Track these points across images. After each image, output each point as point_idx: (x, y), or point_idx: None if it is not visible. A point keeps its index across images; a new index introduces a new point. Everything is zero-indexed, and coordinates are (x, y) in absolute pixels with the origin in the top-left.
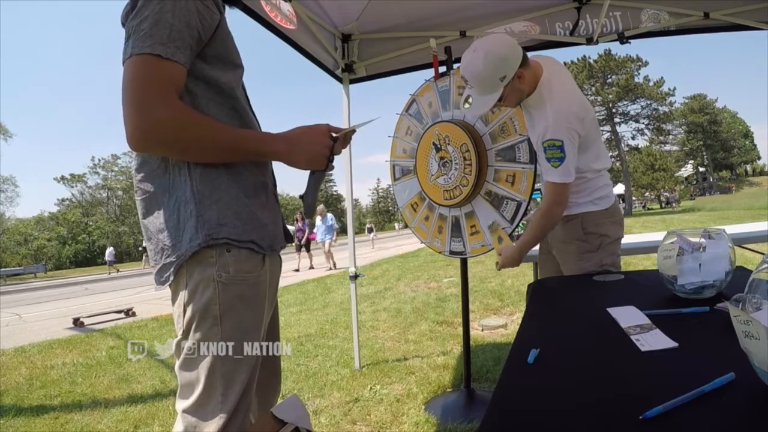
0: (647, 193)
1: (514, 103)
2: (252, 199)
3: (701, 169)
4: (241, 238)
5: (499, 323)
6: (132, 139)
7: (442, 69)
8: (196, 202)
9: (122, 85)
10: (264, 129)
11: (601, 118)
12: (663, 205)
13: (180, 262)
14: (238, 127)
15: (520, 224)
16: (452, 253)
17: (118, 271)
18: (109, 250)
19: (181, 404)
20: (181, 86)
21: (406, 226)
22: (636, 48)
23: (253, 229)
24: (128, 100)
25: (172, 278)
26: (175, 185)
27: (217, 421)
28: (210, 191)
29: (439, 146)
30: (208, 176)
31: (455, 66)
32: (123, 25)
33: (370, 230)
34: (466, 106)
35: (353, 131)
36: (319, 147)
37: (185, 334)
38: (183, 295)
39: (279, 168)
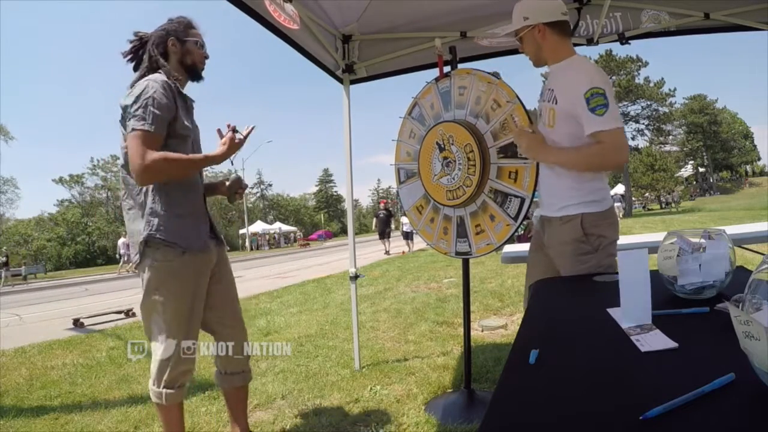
0: (647, 194)
1: (530, 53)
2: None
3: (701, 169)
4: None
5: (499, 324)
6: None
7: (447, 69)
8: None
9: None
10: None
11: None
12: (663, 205)
13: None
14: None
15: (522, 225)
16: (458, 253)
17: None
18: None
19: None
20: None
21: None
22: (636, 48)
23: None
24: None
25: None
26: None
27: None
28: None
29: (442, 146)
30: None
31: (459, 66)
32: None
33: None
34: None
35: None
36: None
37: None
38: None
39: (272, 169)
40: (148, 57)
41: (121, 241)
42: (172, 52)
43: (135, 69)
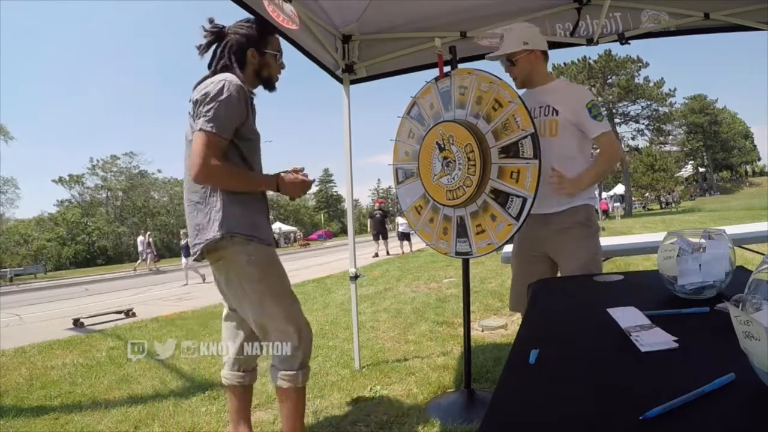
0: (647, 194)
1: (520, 75)
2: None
3: (701, 169)
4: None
5: (500, 324)
6: None
7: (447, 69)
8: None
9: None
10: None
11: None
12: (663, 205)
13: None
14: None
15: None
16: (458, 253)
17: None
18: None
19: None
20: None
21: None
22: (636, 49)
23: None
24: None
25: None
26: None
27: None
28: None
29: (442, 146)
30: None
31: (459, 66)
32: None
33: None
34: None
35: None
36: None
37: None
38: None
39: (272, 169)
40: (224, 64)
41: (139, 239)
42: (250, 63)
43: (209, 66)
